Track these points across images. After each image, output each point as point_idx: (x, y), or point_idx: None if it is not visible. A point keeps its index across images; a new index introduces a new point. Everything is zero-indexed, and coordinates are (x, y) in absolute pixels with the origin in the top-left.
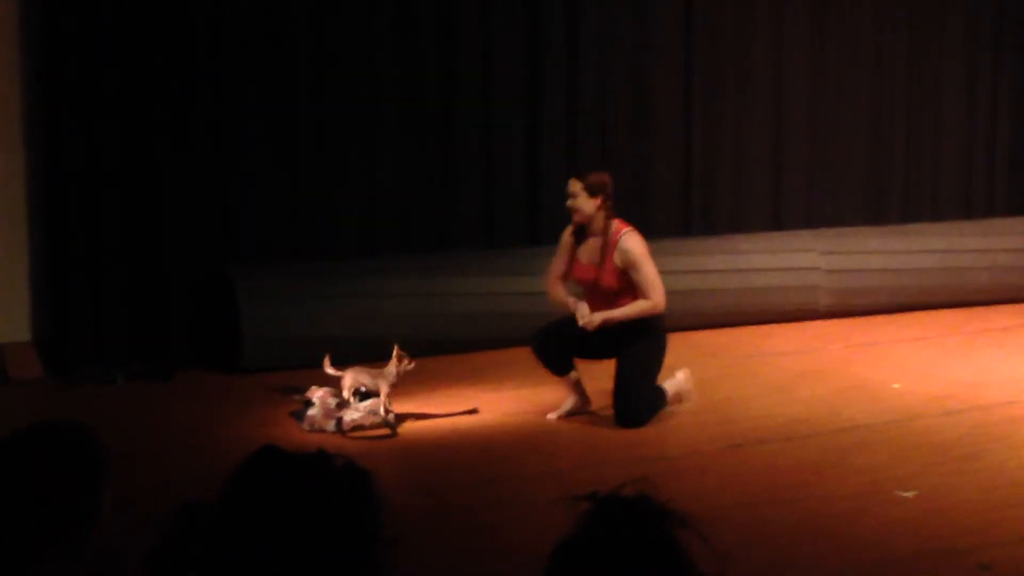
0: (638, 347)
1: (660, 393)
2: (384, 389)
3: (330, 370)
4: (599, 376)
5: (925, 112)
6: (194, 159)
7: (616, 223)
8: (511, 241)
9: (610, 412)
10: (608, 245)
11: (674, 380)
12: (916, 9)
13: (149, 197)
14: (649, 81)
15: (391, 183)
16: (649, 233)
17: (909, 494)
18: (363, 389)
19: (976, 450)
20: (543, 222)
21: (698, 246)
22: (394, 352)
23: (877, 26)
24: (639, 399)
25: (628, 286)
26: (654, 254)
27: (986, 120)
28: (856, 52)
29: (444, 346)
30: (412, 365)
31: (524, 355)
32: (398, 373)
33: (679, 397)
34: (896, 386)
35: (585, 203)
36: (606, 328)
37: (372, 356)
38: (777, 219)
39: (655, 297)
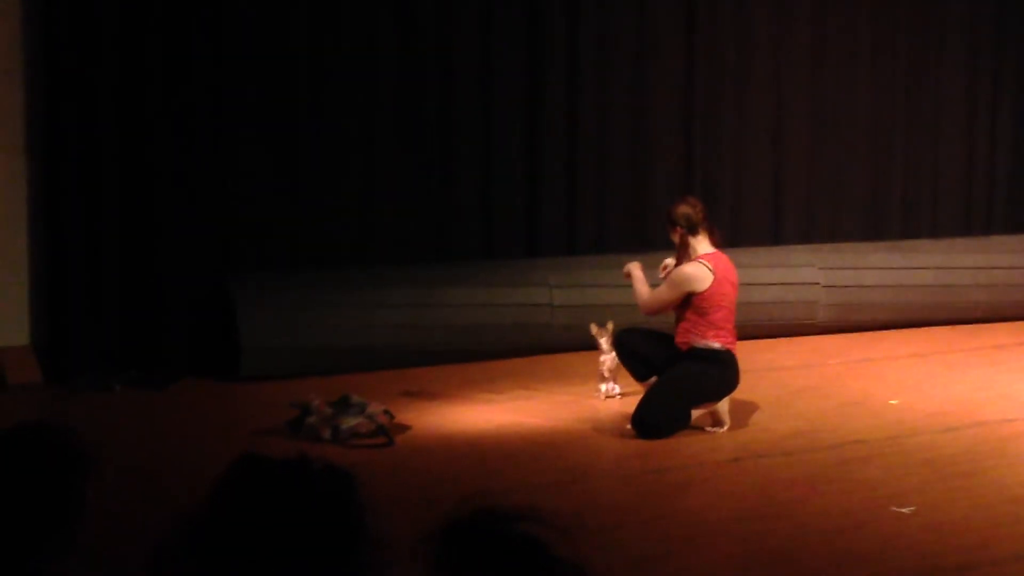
0: (686, 367)
1: (685, 417)
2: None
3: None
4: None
5: (924, 129)
6: (194, 167)
7: (702, 251)
8: (509, 252)
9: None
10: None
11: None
12: (916, 27)
13: (149, 205)
14: (649, 96)
15: (389, 193)
16: (646, 247)
17: (907, 510)
18: (354, 399)
19: (974, 467)
20: (541, 233)
21: None
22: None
23: (877, 43)
24: (655, 413)
25: (686, 304)
26: (651, 267)
27: (985, 138)
28: (856, 69)
29: (442, 356)
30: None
31: (521, 366)
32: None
33: (714, 419)
34: (894, 402)
35: (671, 234)
36: (676, 344)
37: (369, 366)
38: (776, 234)
39: (647, 303)
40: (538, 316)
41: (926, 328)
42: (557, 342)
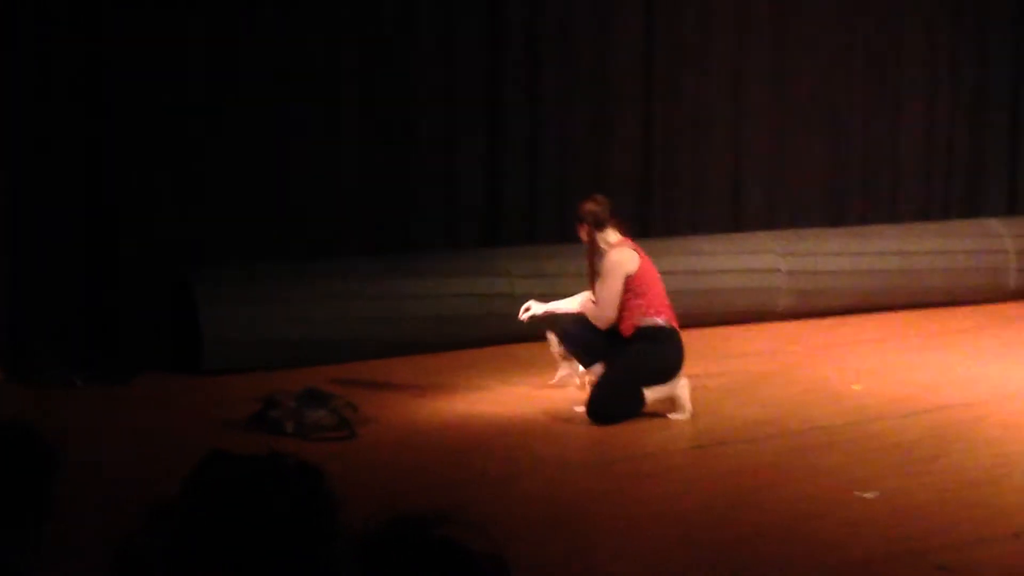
0: (633, 350)
1: (637, 399)
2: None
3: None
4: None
5: (884, 115)
6: (155, 160)
7: (613, 240)
8: (472, 243)
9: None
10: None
11: (666, 387)
12: (876, 14)
13: (111, 199)
14: (609, 83)
15: (350, 185)
16: None
17: (870, 495)
18: (318, 392)
19: (936, 451)
20: (504, 224)
21: (658, 247)
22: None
23: (837, 30)
24: (607, 399)
25: (624, 291)
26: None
27: (944, 124)
28: (816, 57)
29: (405, 348)
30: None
31: (485, 356)
32: None
33: (676, 406)
34: (856, 387)
35: (579, 231)
36: (619, 331)
37: (332, 358)
38: (737, 220)
39: (599, 310)
40: (500, 306)
41: (886, 313)
42: (518, 332)
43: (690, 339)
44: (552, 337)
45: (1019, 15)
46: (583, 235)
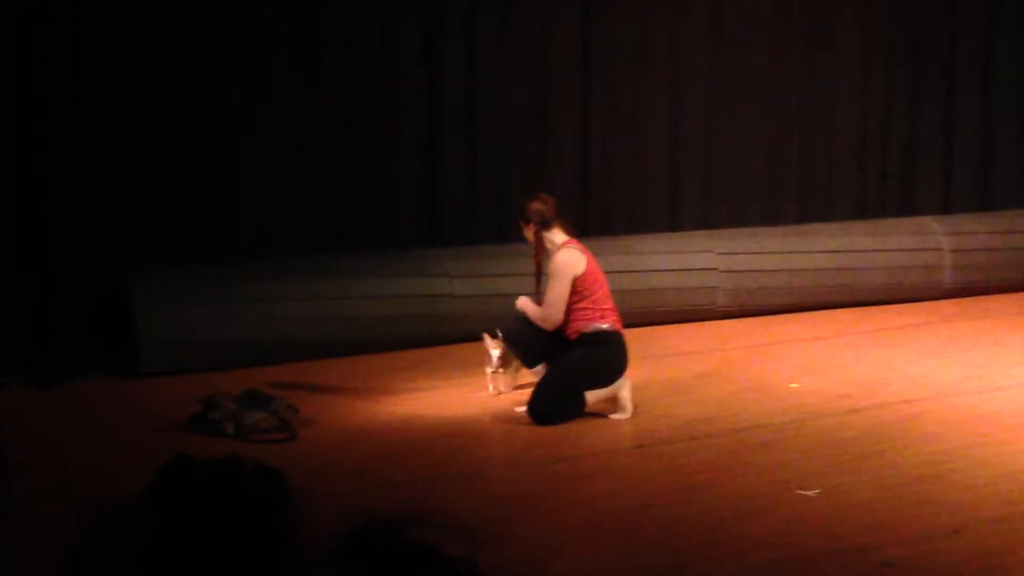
0: (578, 353)
1: (579, 400)
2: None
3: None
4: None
5: (819, 115)
6: (91, 161)
7: (560, 240)
8: (409, 243)
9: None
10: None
11: (608, 388)
12: (810, 12)
13: (46, 199)
14: (548, 82)
15: (287, 184)
16: None
17: (811, 493)
18: (259, 394)
19: (876, 448)
20: (441, 223)
21: (596, 247)
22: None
23: (772, 28)
24: (549, 400)
25: (570, 292)
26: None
27: (878, 123)
28: (751, 55)
29: (344, 348)
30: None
31: (425, 356)
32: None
33: (616, 406)
34: (795, 385)
35: (524, 231)
36: (564, 334)
37: (271, 359)
38: (675, 220)
39: (546, 312)
40: (439, 306)
41: (824, 311)
42: (458, 332)
43: (628, 339)
44: (488, 339)
45: (952, 14)
46: (529, 235)
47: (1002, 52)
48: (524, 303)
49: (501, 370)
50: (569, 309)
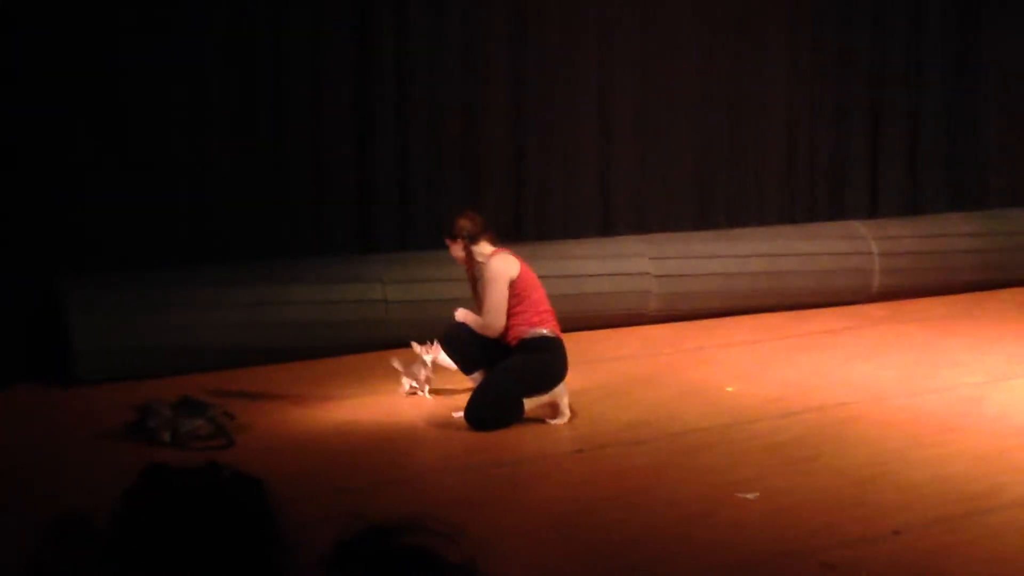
0: (515, 360)
1: (517, 407)
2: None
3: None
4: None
5: (748, 119)
6: (24, 165)
7: (489, 251)
8: (343, 248)
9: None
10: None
11: (547, 395)
12: (741, 15)
13: None
14: (479, 90)
15: (221, 190)
16: None
17: (751, 496)
18: (194, 401)
19: (814, 451)
20: (375, 229)
21: (529, 252)
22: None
23: (702, 31)
24: (487, 406)
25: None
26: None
27: (808, 127)
28: (681, 62)
29: (279, 354)
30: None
31: (360, 362)
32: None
33: (554, 411)
34: (730, 389)
35: (452, 249)
36: (505, 340)
37: (207, 366)
38: (607, 225)
39: (487, 319)
40: (372, 312)
41: (756, 315)
42: (392, 338)
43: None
44: (416, 346)
45: (880, 17)
46: (456, 251)
47: (928, 56)
48: (463, 314)
49: (428, 385)
50: (508, 314)
